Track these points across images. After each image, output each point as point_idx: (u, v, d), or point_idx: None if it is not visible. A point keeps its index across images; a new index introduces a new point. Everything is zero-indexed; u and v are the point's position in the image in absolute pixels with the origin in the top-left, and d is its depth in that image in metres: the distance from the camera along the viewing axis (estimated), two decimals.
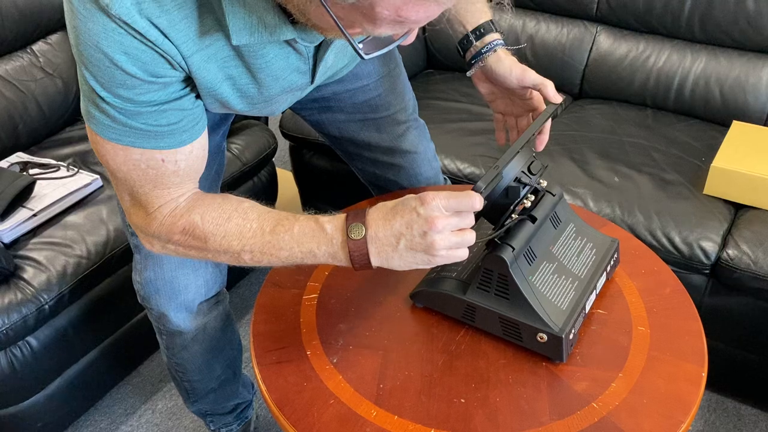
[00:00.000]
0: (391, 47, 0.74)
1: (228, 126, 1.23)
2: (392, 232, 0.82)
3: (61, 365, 1.57)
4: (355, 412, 0.89)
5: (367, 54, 0.71)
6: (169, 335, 1.27)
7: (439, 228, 0.80)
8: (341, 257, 0.85)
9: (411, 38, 0.75)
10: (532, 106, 1.10)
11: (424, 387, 0.93)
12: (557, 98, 1.04)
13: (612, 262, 1.07)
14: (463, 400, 0.91)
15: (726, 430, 1.68)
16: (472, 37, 1.08)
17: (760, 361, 1.62)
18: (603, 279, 1.05)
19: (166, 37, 0.75)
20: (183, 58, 0.78)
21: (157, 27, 0.74)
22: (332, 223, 0.85)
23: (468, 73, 1.14)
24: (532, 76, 1.05)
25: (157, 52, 0.76)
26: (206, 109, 0.90)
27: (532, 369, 0.95)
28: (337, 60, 1.01)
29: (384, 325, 1.02)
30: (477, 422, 0.88)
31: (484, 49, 1.07)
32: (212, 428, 1.53)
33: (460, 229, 0.83)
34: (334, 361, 0.97)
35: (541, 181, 1.03)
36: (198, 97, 0.86)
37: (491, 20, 1.08)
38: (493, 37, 1.08)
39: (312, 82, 0.96)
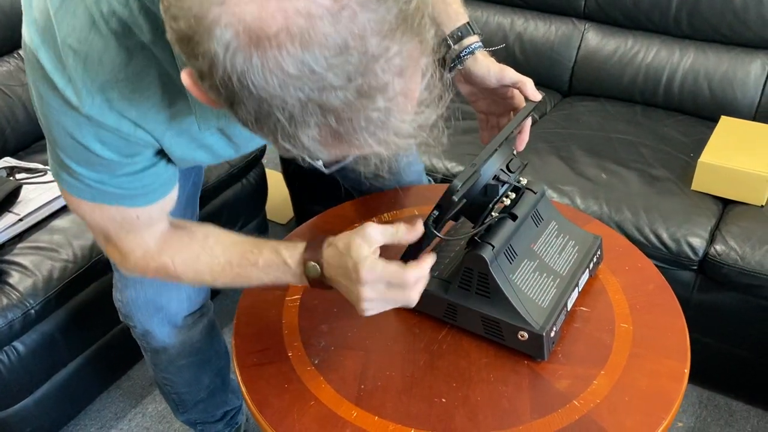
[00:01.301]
0: (351, 158, 0.75)
1: None
2: (339, 285, 0.86)
3: (49, 370, 1.56)
4: (336, 413, 0.89)
5: (327, 169, 0.73)
6: (154, 352, 1.26)
7: (369, 303, 0.84)
8: (308, 283, 0.89)
9: None
10: (513, 105, 1.10)
11: (405, 387, 0.92)
12: (536, 96, 1.03)
13: (595, 259, 1.07)
14: (444, 400, 0.90)
15: (717, 426, 1.68)
16: (450, 41, 1.07)
17: (750, 356, 1.62)
18: (586, 276, 1.05)
19: (138, 126, 0.76)
20: (156, 140, 0.80)
21: (128, 119, 0.75)
22: (293, 257, 0.88)
23: (448, 75, 1.13)
24: (510, 74, 1.05)
25: (130, 140, 0.77)
26: None
27: (514, 367, 0.95)
28: None
29: (366, 326, 1.02)
30: (457, 421, 0.87)
31: (463, 53, 1.07)
32: None
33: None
34: (316, 362, 0.96)
35: (521, 179, 1.02)
36: (170, 161, 0.87)
37: (468, 22, 1.07)
38: (471, 40, 1.07)
39: None
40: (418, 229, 0.86)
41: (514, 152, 1.01)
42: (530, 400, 0.90)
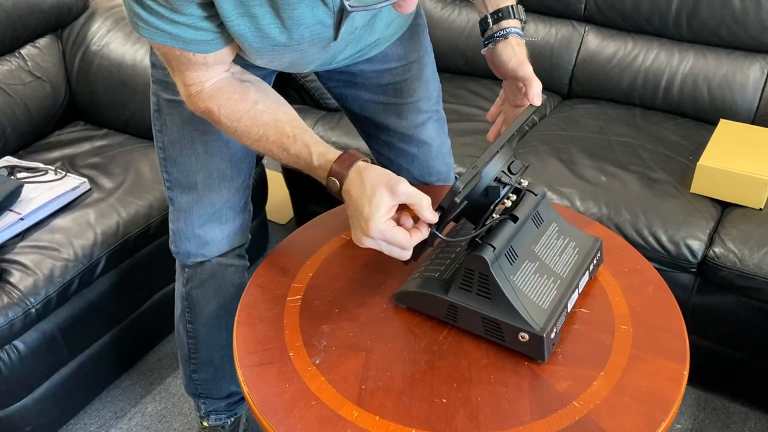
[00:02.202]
0: (380, 6, 0.79)
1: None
2: (348, 209, 0.93)
3: (50, 369, 1.57)
4: (337, 413, 0.89)
5: (351, 7, 0.77)
6: (192, 267, 1.31)
7: (368, 242, 0.91)
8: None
9: (408, 6, 0.80)
10: (520, 103, 1.11)
11: (406, 387, 0.93)
12: (536, 100, 1.04)
13: (595, 261, 1.08)
14: (444, 400, 0.91)
15: (715, 427, 1.69)
16: (489, 20, 1.09)
17: (748, 358, 1.63)
18: (586, 278, 1.05)
19: None
20: None
21: None
22: (319, 160, 0.96)
23: (482, 52, 1.14)
24: (524, 70, 1.05)
25: None
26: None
27: (514, 368, 0.95)
28: (366, 31, 1.08)
29: (367, 326, 1.03)
30: (458, 422, 0.88)
31: (498, 34, 1.08)
32: (203, 412, 1.52)
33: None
34: (317, 362, 0.97)
35: (522, 180, 1.03)
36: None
37: (513, 5, 1.09)
38: (510, 23, 1.08)
39: (335, 38, 1.00)
40: (436, 216, 0.90)
41: (514, 154, 1.02)
42: (530, 401, 0.91)
